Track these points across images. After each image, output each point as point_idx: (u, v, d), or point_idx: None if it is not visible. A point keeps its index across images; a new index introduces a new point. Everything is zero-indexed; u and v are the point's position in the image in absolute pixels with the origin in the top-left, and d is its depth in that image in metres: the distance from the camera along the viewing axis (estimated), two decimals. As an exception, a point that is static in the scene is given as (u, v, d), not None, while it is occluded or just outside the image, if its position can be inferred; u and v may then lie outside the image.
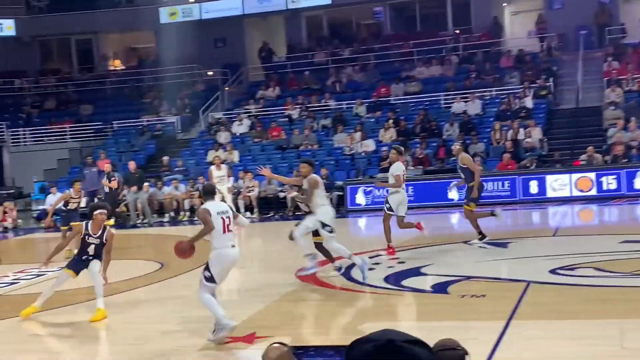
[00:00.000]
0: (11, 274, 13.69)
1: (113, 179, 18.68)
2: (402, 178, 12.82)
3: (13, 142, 28.92)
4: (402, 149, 14.21)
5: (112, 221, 20.00)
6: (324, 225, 10.73)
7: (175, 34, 30.46)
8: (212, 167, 19.77)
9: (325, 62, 30.06)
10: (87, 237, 9.68)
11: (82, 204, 15.76)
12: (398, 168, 12.80)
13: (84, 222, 9.92)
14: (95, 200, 18.65)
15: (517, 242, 13.55)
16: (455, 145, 14.03)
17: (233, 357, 7.76)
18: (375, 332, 1.58)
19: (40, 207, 23.81)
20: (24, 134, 28.99)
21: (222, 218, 7.96)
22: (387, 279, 10.78)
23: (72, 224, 14.10)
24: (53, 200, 18.84)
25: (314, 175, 10.93)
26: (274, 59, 31.38)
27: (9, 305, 11.18)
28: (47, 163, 26.16)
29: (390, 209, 12.82)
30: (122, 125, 28.66)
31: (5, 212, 22.96)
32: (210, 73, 31.74)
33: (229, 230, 7.99)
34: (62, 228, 15.59)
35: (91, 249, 9.69)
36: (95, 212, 9.66)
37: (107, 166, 19.50)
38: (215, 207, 8.12)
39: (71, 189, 15.18)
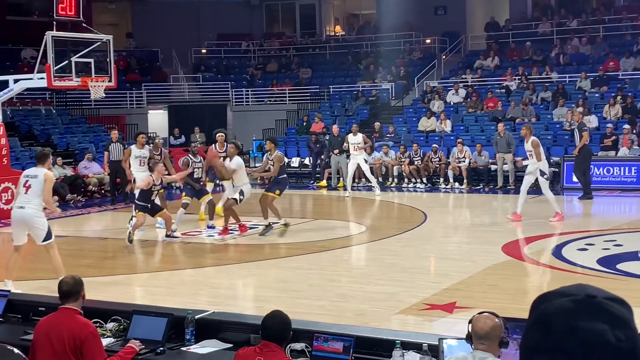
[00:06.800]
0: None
1: None
2: None
3: (236, 102, 30.37)
4: None
5: (324, 182, 20.98)
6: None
7: (396, 1, 30.36)
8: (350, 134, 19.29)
9: (549, 32, 28.74)
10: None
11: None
12: None
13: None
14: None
15: None
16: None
17: (431, 323, 7.62)
18: (569, 286, 1.46)
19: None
20: (247, 94, 30.33)
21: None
22: (600, 261, 10.14)
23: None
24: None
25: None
26: (495, 28, 30.44)
27: (217, 252, 11.80)
28: (266, 123, 27.21)
29: None
30: (337, 89, 29.17)
31: (225, 168, 24.20)
32: (428, 41, 31.40)
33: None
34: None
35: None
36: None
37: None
38: None
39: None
